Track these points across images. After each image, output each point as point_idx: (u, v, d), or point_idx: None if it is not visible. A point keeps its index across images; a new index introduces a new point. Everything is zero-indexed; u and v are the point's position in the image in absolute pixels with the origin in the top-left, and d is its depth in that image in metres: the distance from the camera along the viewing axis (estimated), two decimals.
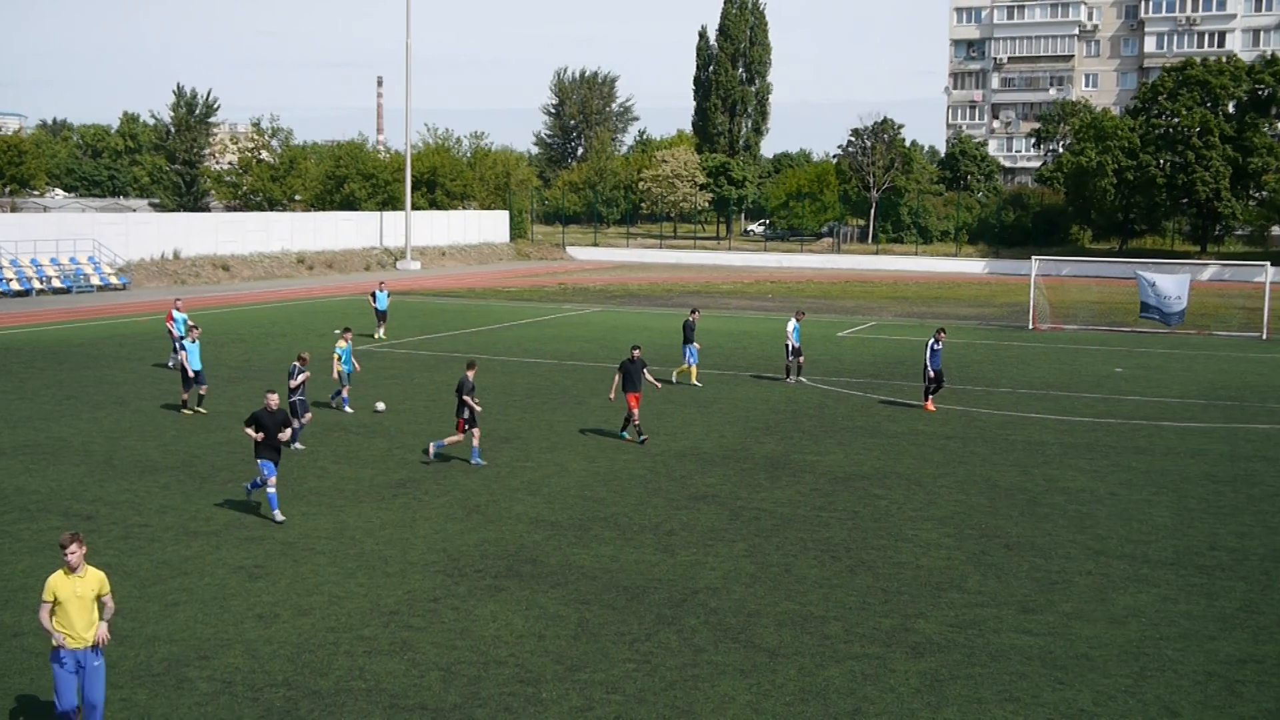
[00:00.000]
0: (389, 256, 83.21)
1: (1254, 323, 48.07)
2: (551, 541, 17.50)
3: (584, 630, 13.97)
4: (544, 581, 15.67)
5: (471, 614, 14.42)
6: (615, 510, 19.33)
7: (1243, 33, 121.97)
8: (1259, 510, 19.92)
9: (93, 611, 10.81)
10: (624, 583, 15.68)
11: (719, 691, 12.34)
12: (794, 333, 32.82)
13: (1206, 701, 12.32)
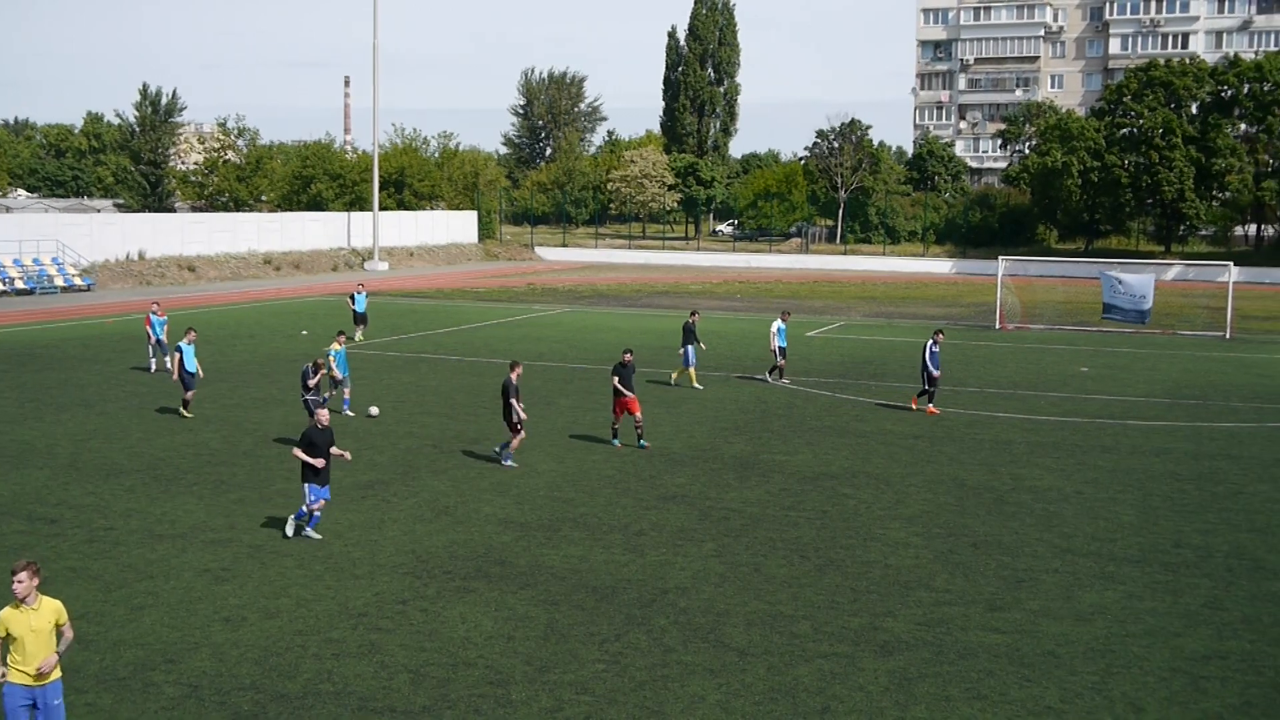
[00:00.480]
0: (356, 257, 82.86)
1: (1218, 322, 48.51)
2: (520, 542, 17.47)
3: (553, 631, 13.95)
4: (513, 582, 15.64)
5: (440, 615, 14.38)
6: (584, 511, 19.32)
7: (1205, 34, 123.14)
8: (1223, 508, 20.11)
9: (50, 643, 10.01)
10: (593, 583, 15.67)
11: (689, 691, 12.35)
12: (779, 333, 32.80)
13: (1172, 698, 12.42)
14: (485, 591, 15.27)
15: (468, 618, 14.32)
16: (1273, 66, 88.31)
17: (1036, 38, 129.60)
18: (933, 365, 28.30)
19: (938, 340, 28.68)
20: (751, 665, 13.07)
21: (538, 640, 13.65)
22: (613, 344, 40.99)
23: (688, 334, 32.24)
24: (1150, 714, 12.04)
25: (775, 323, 33.21)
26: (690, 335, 32.18)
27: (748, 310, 55.91)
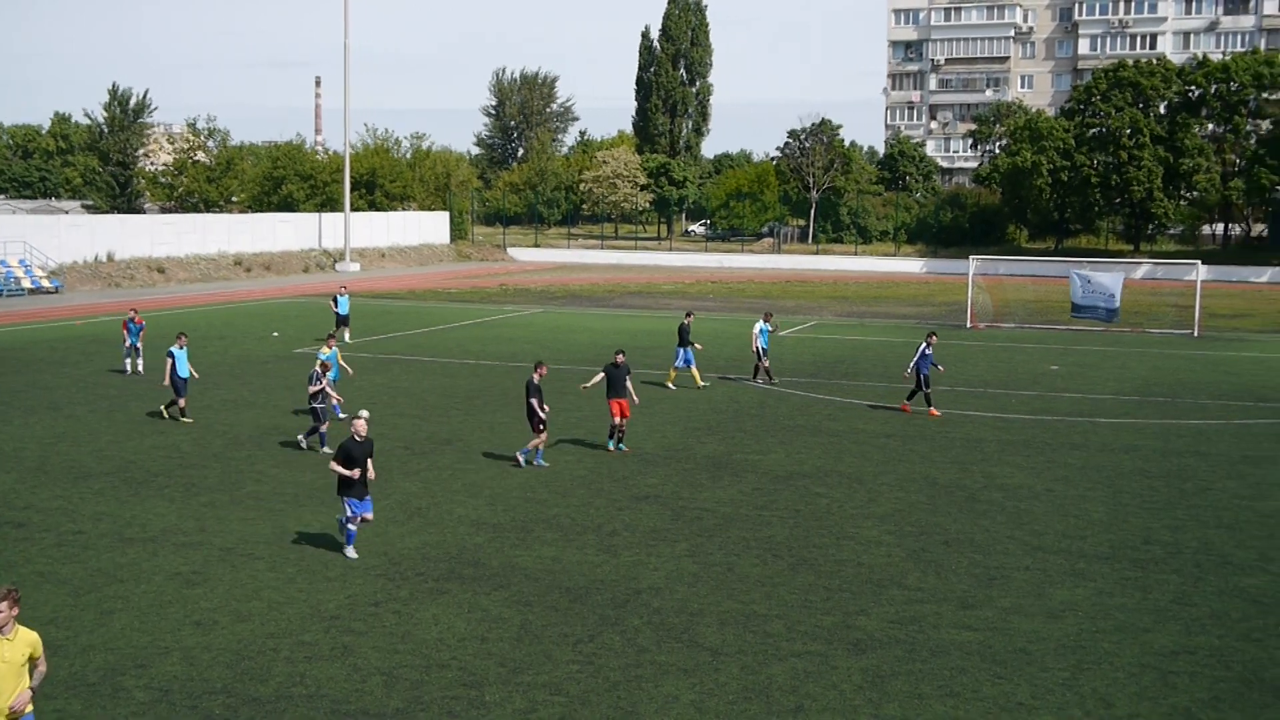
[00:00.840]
0: (328, 258, 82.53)
1: (1186, 320, 48.88)
2: (494, 544, 17.44)
3: (527, 632, 13.93)
4: (486, 584, 15.62)
5: (413, 617, 14.34)
6: (557, 511, 19.31)
7: (1173, 35, 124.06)
8: (1191, 504, 20.27)
9: (22, 677, 9.44)
10: (567, 584, 15.66)
11: (663, 691, 12.35)
12: (761, 334, 32.82)
13: (1141, 693, 12.51)
14: (458, 593, 15.24)
15: (441, 619, 14.29)
16: (1239, 67, 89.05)
17: (1007, 38, 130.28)
18: (923, 368, 28.28)
19: (931, 343, 28.60)
20: (725, 665, 13.09)
21: (511, 641, 13.64)
22: (585, 344, 40.99)
23: (682, 335, 32.21)
24: (1120, 709, 12.13)
25: (758, 324, 33.22)
26: (684, 336, 32.14)
27: (721, 310, 55.98)
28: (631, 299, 61.90)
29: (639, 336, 43.62)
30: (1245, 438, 26.22)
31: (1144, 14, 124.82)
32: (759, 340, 32.67)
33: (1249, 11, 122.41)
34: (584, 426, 26.20)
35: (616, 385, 23.61)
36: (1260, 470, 22.93)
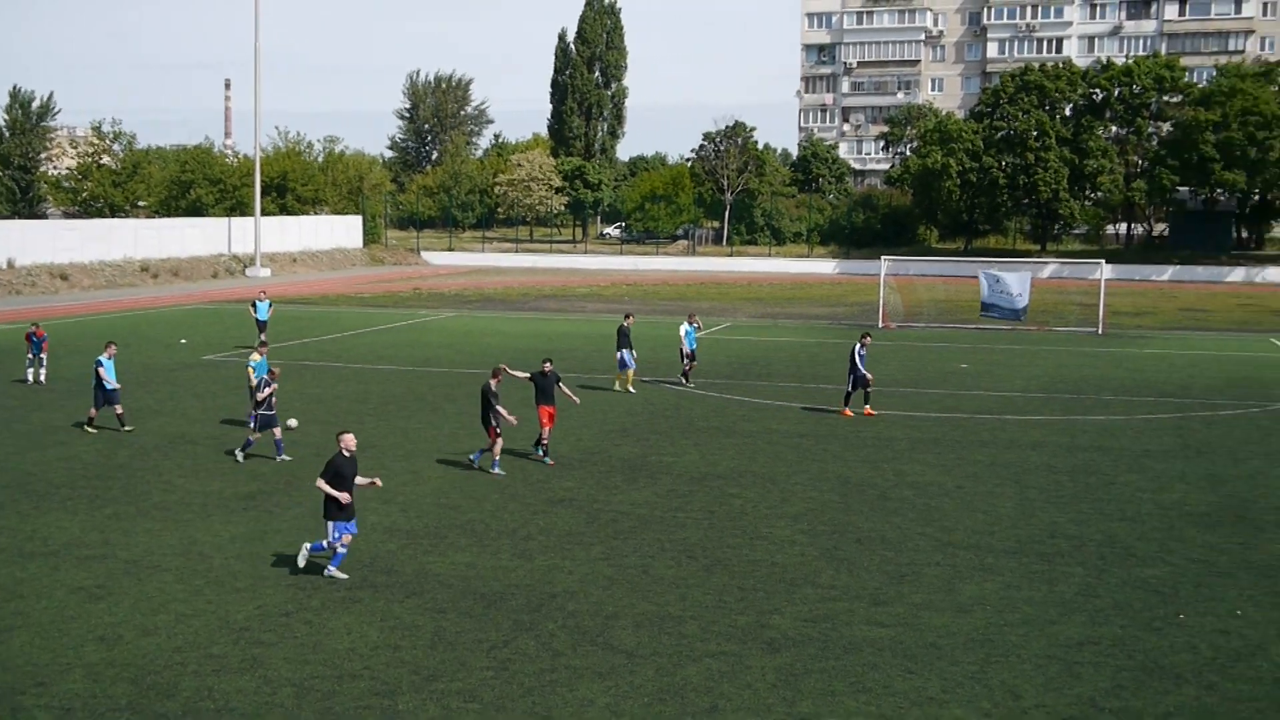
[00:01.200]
0: (238, 264, 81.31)
1: (1090, 318, 49.91)
2: (406, 550, 17.30)
3: (440, 639, 13.84)
4: (399, 591, 15.48)
5: (325, 627, 14.17)
6: (472, 516, 19.20)
7: (1079, 39, 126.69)
8: (1095, 498, 20.69)
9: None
10: (481, 589, 15.58)
11: (577, 695, 12.34)
12: (688, 336, 32.87)
13: (1048, 684, 12.74)
14: (371, 601, 15.09)
15: (353, 628, 14.14)
16: (1141, 70, 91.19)
17: (917, 42, 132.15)
18: (861, 367, 28.44)
19: (864, 343, 28.70)
20: (640, 667, 13.11)
21: (425, 649, 13.53)
22: (500, 348, 40.83)
23: (622, 338, 32.02)
24: (1028, 700, 12.34)
25: (683, 325, 33.26)
26: (625, 339, 31.99)
27: (635, 312, 56.01)
28: (546, 302, 61.79)
29: (554, 340, 43.55)
30: (1146, 432, 26.84)
31: (1050, 18, 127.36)
32: (686, 342, 32.74)
33: (1150, 16, 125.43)
34: None
35: (545, 393, 23.20)
36: (1161, 464, 23.48)
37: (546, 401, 23.14)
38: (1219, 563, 17.04)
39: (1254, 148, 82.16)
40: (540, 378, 23.32)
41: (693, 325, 33.28)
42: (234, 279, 77.00)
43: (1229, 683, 12.82)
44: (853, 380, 28.34)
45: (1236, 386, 33.59)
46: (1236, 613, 14.96)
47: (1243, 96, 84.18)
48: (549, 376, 23.31)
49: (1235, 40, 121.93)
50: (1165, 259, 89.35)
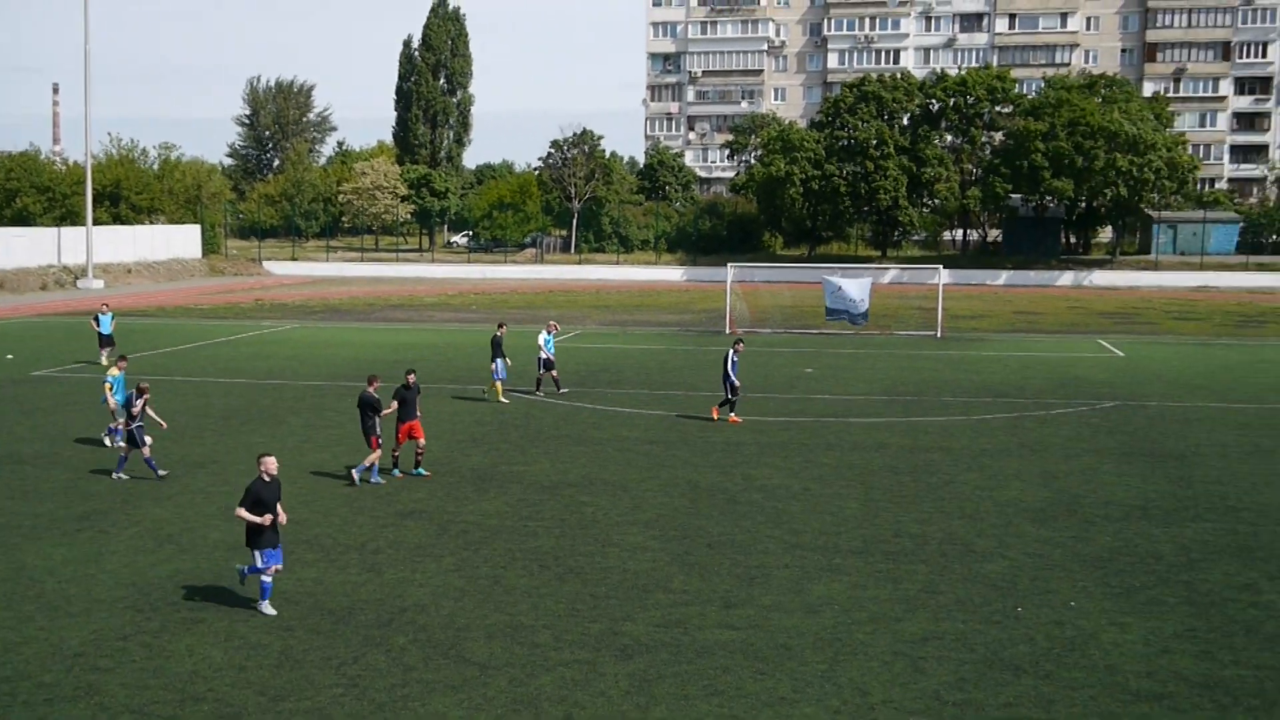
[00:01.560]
0: (68, 275, 78.33)
1: (930, 322, 51.32)
2: None
3: (287, 658, 13.53)
4: (244, 610, 15.08)
5: (165, 650, 13.73)
6: (319, 531, 18.83)
7: (915, 51, 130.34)
8: (937, 497, 21.27)
9: None
10: (329, 605, 15.28)
11: (430, 709, 12.19)
12: (546, 344, 32.70)
13: (894, 680, 13.04)
14: (214, 621, 14.68)
15: (195, 650, 13.73)
16: (974, 82, 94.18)
17: (760, 52, 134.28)
18: (734, 374, 28.64)
19: (738, 350, 28.96)
20: (493, 678, 13.01)
21: (271, 668, 13.21)
22: (347, 360, 40.16)
23: (496, 347, 31.70)
24: (875, 696, 12.61)
25: (542, 334, 33.11)
26: (498, 349, 31.66)
27: (485, 322, 55.74)
28: (393, 312, 61.00)
29: (401, 350, 43.01)
30: (984, 432, 27.71)
31: (888, 30, 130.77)
32: (545, 350, 32.61)
33: (983, 29, 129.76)
34: (344, 443, 25.65)
35: (408, 408, 22.56)
36: (998, 462, 24.27)
37: (408, 417, 22.51)
38: (1053, 556, 17.67)
39: (1080, 157, 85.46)
40: (405, 390, 22.68)
41: (551, 333, 33.24)
42: (65, 291, 74.17)
43: (1064, 671, 13.30)
44: (729, 386, 28.61)
45: (1067, 386, 34.90)
46: (1070, 604, 15.53)
47: (1069, 107, 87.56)
48: (413, 389, 22.79)
49: (1061, 53, 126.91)
50: (999, 264, 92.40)
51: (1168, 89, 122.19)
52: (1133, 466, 23.91)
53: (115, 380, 24.35)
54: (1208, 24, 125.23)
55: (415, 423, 22.64)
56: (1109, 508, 20.56)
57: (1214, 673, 13.30)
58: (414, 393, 22.77)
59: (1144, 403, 31.83)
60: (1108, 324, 55.83)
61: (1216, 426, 28.42)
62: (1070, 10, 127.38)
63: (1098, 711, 12.31)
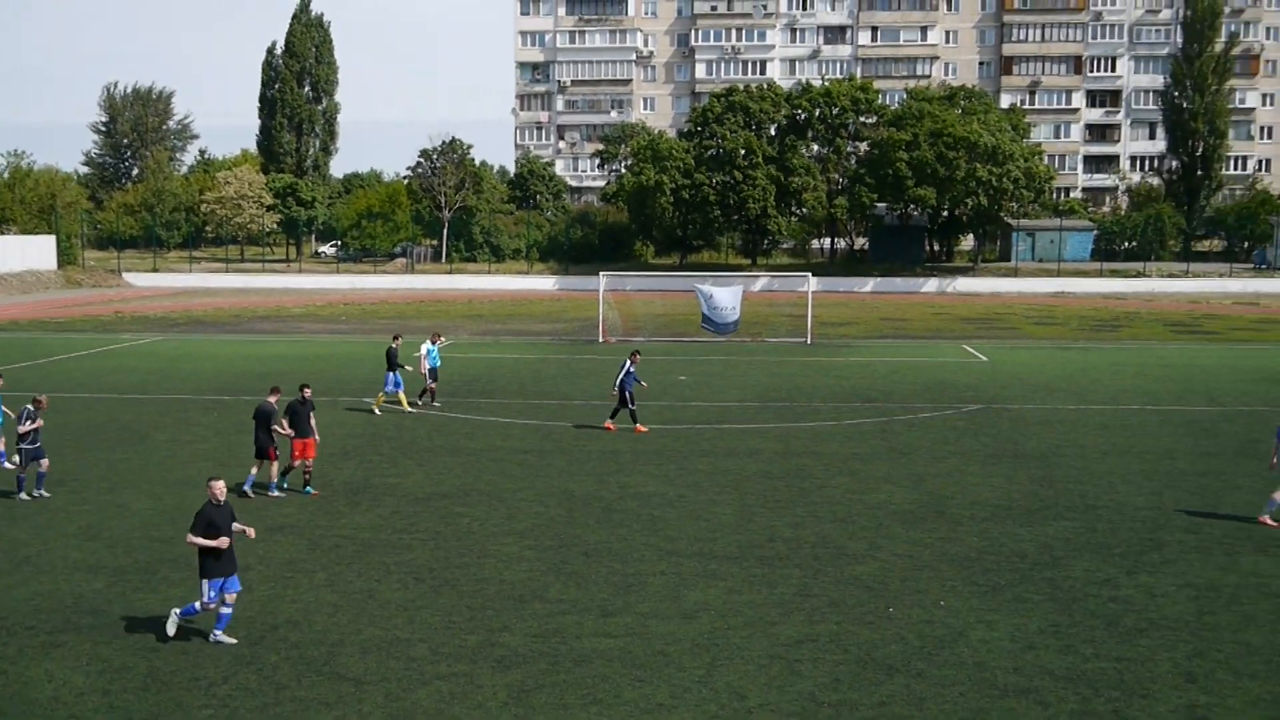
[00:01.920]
0: None
1: (799, 329, 52.04)
2: (115, 588, 16.36)
3: (154, 680, 13.15)
4: (107, 632, 14.62)
5: (23, 676, 13.23)
6: (185, 550, 18.26)
7: (781, 62, 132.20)
8: (809, 502, 21.58)
9: None
10: (197, 625, 14.88)
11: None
12: (429, 354, 32.28)
13: (770, 682, 13.19)
14: (75, 644, 14.19)
15: (55, 675, 13.26)
16: (839, 93, 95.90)
17: (629, 61, 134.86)
18: (629, 385, 28.54)
19: (634, 361, 28.97)
20: (369, 694, 12.82)
21: (137, 692, 12.83)
22: (212, 373, 39.24)
23: (390, 359, 31.26)
24: (752, 699, 12.74)
25: (424, 345, 32.69)
26: (393, 360, 31.22)
27: (354, 332, 54.98)
28: (260, 324, 59.78)
29: (269, 362, 42.17)
30: (854, 436, 28.20)
31: (754, 41, 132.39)
32: (427, 361, 32.23)
33: (846, 42, 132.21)
34: (211, 458, 25.07)
35: (302, 422, 22.04)
36: (867, 466, 24.71)
37: (303, 432, 22.00)
38: (923, 557, 18.06)
39: (942, 166, 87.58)
40: (299, 405, 22.16)
41: (435, 344, 32.87)
42: None
43: (935, 669, 13.60)
44: (628, 396, 28.62)
45: (933, 391, 35.71)
46: (940, 603, 15.88)
47: (931, 118, 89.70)
48: (308, 404, 22.29)
49: (922, 65, 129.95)
50: (866, 271, 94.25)
51: (1024, 101, 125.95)
52: (997, 468, 24.57)
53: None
54: (1060, 39, 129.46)
55: (311, 440, 22.15)
56: (975, 508, 21.09)
57: (1077, 666, 13.72)
58: (308, 408, 22.28)
59: (1007, 405, 32.73)
60: (971, 329, 57.29)
61: (1076, 427, 29.35)
62: (930, 24, 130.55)
63: (967, 707, 12.60)
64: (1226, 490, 22.52)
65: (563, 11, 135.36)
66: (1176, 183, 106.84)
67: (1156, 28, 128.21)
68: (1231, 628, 14.99)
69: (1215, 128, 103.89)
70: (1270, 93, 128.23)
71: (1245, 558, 18.06)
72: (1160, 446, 26.87)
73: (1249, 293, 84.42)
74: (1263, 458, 25.50)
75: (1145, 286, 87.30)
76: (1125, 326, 59.17)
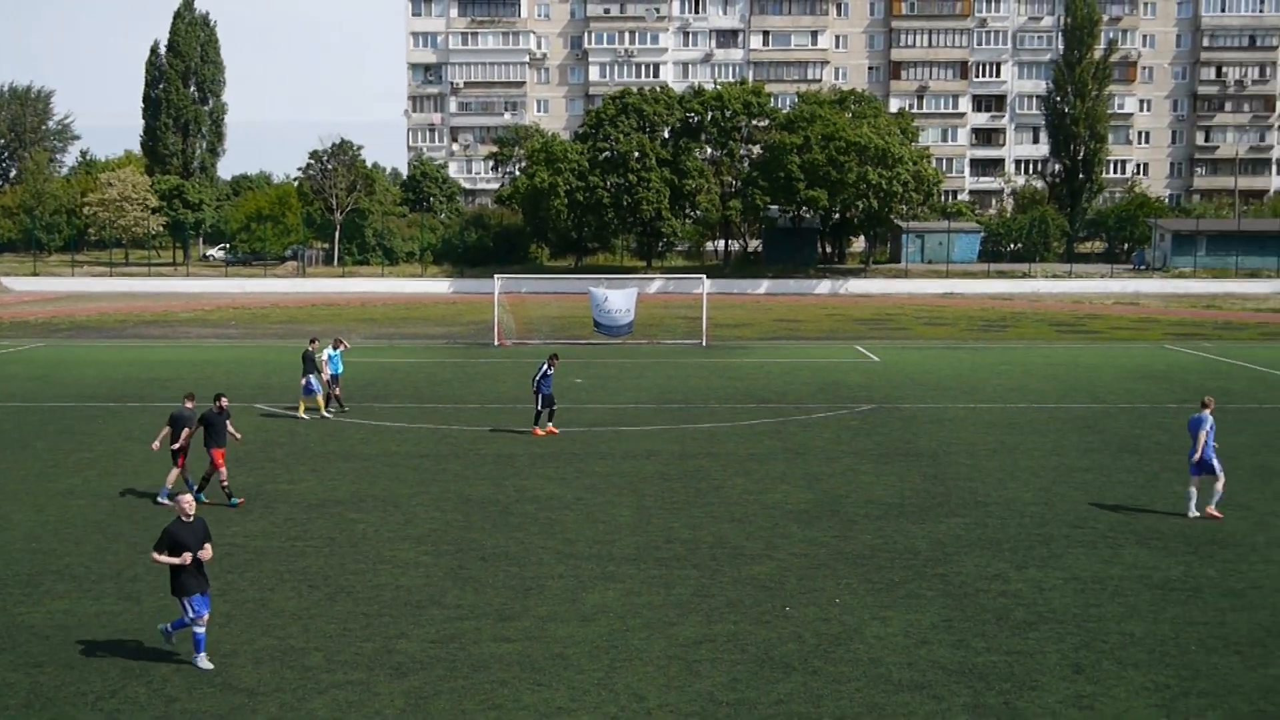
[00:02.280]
0: None
1: (695, 331, 52.34)
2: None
3: (37, 696, 12.77)
4: None
5: None
6: (70, 561, 17.85)
7: (674, 65, 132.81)
8: (706, 503, 21.70)
9: None
10: (83, 638, 14.50)
11: None
12: (331, 361, 31.74)
13: (669, 683, 13.23)
14: None
15: None
16: (731, 96, 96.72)
17: (522, 64, 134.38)
18: (545, 388, 28.44)
19: (552, 364, 28.93)
20: (262, 704, 12.60)
21: (19, 709, 12.45)
22: (96, 379, 38.25)
23: (307, 363, 30.72)
24: (651, 701, 12.77)
25: (326, 350, 32.15)
26: (310, 364, 30.69)
27: (244, 337, 54.00)
28: (147, 329, 58.42)
29: (156, 368, 41.24)
30: (750, 437, 28.43)
31: (647, 44, 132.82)
32: (329, 368, 31.71)
33: (738, 46, 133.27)
34: (96, 466, 24.44)
35: (218, 432, 21.58)
36: (763, 466, 24.94)
37: (218, 443, 21.57)
38: (818, 556, 18.26)
39: (834, 169, 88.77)
40: (215, 415, 21.72)
41: (338, 349, 32.34)
42: None
43: (831, 666, 13.76)
44: (541, 399, 28.55)
45: (827, 391, 36.16)
46: (836, 601, 16.08)
47: (822, 122, 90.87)
48: (223, 413, 21.87)
49: (813, 70, 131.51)
50: (760, 273, 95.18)
51: (912, 105, 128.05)
52: (890, 466, 24.95)
53: None
54: (947, 44, 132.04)
55: (223, 449, 21.73)
56: (869, 507, 21.40)
57: (969, 660, 13.99)
58: (222, 417, 21.85)
59: (899, 405, 33.27)
60: (864, 330, 58.15)
61: (965, 426, 29.94)
62: (820, 29, 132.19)
63: (863, 703, 12.78)
64: (1110, 485, 23.16)
65: (454, 13, 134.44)
66: (1059, 185, 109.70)
67: (1039, 34, 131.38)
68: (1116, 619, 15.41)
69: (1096, 132, 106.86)
70: (1147, 98, 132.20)
71: (1128, 550, 18.58)
72: (1047, 444, 27.52)
73: (1129, 293, 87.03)
74: (1145, 453, 26.31)
75: (1031, 287, 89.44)
76: (1012, 326, 60.56)
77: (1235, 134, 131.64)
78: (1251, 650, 14.34)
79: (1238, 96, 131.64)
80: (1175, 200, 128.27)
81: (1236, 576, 17.24)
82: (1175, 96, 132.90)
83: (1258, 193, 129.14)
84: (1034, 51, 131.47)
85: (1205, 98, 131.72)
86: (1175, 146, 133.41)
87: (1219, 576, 17.24)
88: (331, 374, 31.76)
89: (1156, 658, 14.11)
